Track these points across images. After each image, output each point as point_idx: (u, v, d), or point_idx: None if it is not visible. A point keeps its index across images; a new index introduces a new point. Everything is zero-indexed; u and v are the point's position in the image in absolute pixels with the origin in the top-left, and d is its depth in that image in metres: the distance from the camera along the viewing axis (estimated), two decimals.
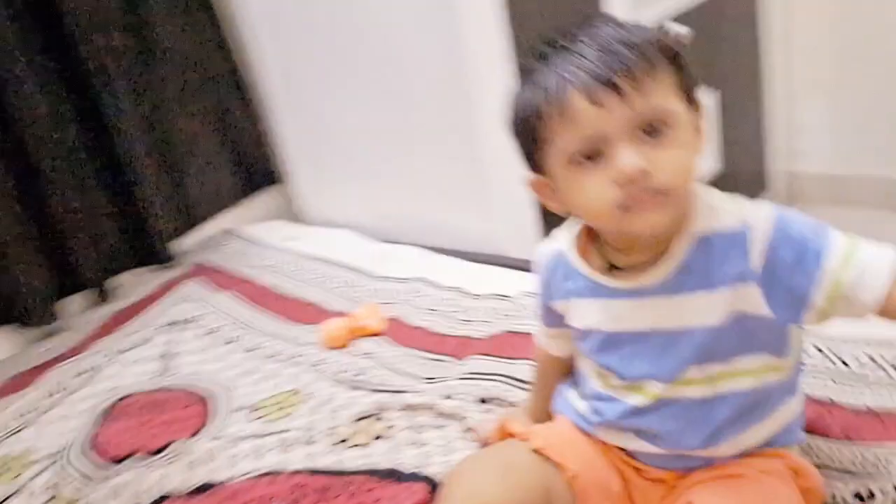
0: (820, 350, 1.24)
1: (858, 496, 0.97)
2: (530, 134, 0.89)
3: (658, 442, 0.97)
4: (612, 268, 0.96)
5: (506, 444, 1.09)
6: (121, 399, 1.60)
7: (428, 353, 1.53)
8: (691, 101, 0.88)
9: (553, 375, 1.16)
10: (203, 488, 1.29)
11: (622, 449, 1.02)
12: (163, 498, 1.29)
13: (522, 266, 1.70)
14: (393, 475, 1.21)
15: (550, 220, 1.05)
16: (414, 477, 1.19)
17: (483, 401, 1.32)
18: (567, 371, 1.13)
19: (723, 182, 2.31)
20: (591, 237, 1.00)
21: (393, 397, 1.38)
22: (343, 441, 1.33)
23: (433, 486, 1.15)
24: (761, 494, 0.90)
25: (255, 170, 2.37)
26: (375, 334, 1.63)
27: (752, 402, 0.93)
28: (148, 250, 2.13)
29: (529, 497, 0.98)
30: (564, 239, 1.03)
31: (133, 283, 2.11)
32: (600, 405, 1.02)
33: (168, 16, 2.13)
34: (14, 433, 1.55)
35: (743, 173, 2.59)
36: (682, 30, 2.02)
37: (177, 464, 1.36)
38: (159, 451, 1.41)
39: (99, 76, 1.98)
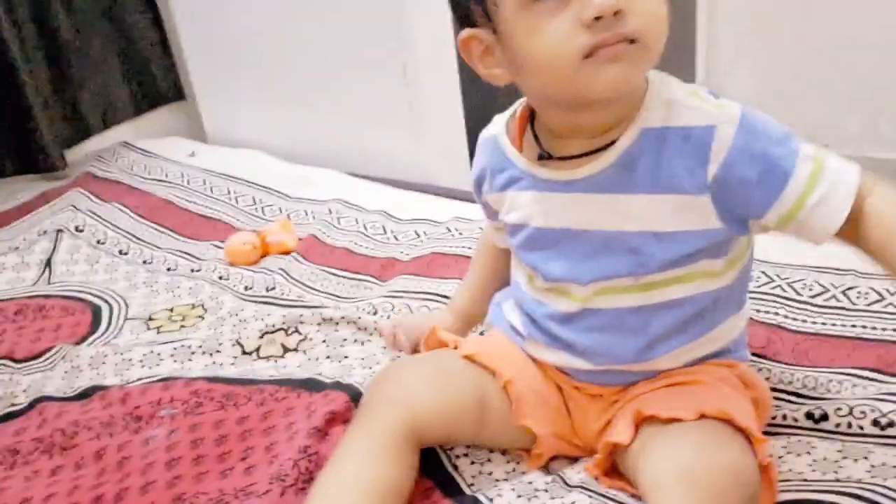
0: (769, 277, 1.21)
1: (810, 416, 0.94)
2: None
3: (589, 357, 0.90)
4: (548, 157, 0.87)
5: (437, 352, 1.02)
6: None
7: (348, 273, 1.41)
8: None
9: (492, 265, 1.08)
10: (88, 392, 1.14)
11: (557, 369, 0.95)
12: (40, 400, 1.13)
13: (453, 195, 1.61)
14: (309, 385, 1.10)
15: None
16: (334, 386, 1.08)
17: None
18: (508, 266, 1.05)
19: None
20: (527, 121, 0.90)
21: (309, 311, 1.26)
22: (251, 352, 1.20)
23: (354, 396, 1.04)
24: (712, 397, 0.83)
25: (155, 82, 2.20)
26: (287, 252, 1.50)
27: (695, 313, 0.86)
28: (32, 157, 1.94)
29: (461, 402, 0.92)
30: (499, 123, 0.93)
31: (15, 190, 1.92)
32: (529, 307, 0.94)
33: None
34: None
35: None
36: None
37: (58, 368, 1.21)
38: (37, 356, 1.25)
39: None
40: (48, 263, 1.56)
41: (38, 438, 1.05)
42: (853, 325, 1.10)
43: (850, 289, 1.16)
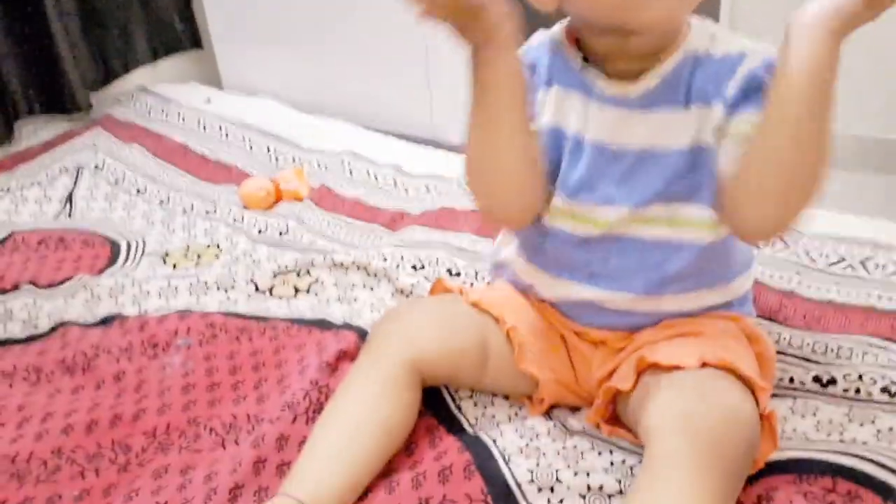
0: (785, 243, 1.22)
1: (818, 379, 0.96)
2: None
3: (598, 282, 0.91)
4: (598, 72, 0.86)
5: (443, 296, 1.05)
6: (13, 234, 1.46)
7: (359, 222, 1.46)
8: None
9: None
10: (108, 319, 1.19)
11: (561, 314, 0.98)
12: (61, 325, 1.18)
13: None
14: (320, 324, 1.15)
15: None
16: (344, 326, 1.13)
17: (421, 267, 1.26)
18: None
19: None
20: (574, 41, 0.89)
21: (320, 255, 1.30)
22: (265, 291, 1.25)
23: (363, 336, 1.08)
24: (715, 346, 0.86)
25: (174, 29, 2.22)
26: (300, 199, 1.54)
27: (708, 260, 0.89)
28: (60, 97, 1.96)
29: (464, 344, 0.95)
30: (554, 32, 0.91)
31: (38, 128, 1.94)
32: (539, 234, 0.93)
33: None
34: None
35: None
36: None
37: (79, 296, 1.25)
38: (59, 284, 1.30)
39: None
40: (69, 199, 1.60)
41: (60, 359, 1.10)
42: (868, 295, 1.10)
43: (867, 259, 1.17)
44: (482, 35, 0.77)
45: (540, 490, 0.84)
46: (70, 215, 1.56)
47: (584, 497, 0.84)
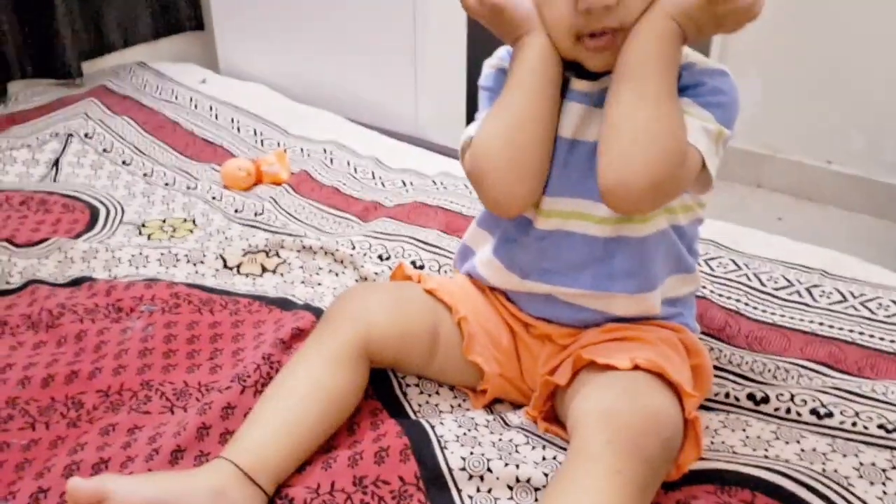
0: (737, 266, 1.26)
1: (752, 397, 0.99)
2: None
3: (547, 277, 0.96)
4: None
5: (400, 282, 1.08)
6: None
7: (333, 210, 1.49)
8: None
9: None
10: (77, 281, 1.23)
11: (513, 303, 1.02)
12: (33, 282, 1.22)
13: (445, 152, 1.68)
14: (281, 304, 1.18)
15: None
16: (303, 307, 1.16)
17: (387, 257, 1.30)
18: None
19: None
20: None
21: (290, 238, 1.34)
22: (232, 268, 1.29)
23: (320, 317, 1.11)
24: (651, 352, 0.89)
25: (177, 8, 2.26)
26: (279, 183, 1.58)
27: (653, 257, 0.94)
28: (51, 63, 1.99)
29: (416, 329, 0.98)
30: None
31: (32, 93, 1.98)
32: (497, 224, 1.00)
33: None
34: None
35: None
36: None
37: (52, 257, 1.29)
38: (35, 244, 1.34)
39: None
40: (56, 163, 1.64)
41: (26, 315, 1.14)
42: (811, 321, 1.14)
43: (814, 286, 1.21)
44: (510, 27, 0.90)
45: (470, 478, 0.86)
46: (55, 179, 1.59)
47: (511, 488, 0.86)
